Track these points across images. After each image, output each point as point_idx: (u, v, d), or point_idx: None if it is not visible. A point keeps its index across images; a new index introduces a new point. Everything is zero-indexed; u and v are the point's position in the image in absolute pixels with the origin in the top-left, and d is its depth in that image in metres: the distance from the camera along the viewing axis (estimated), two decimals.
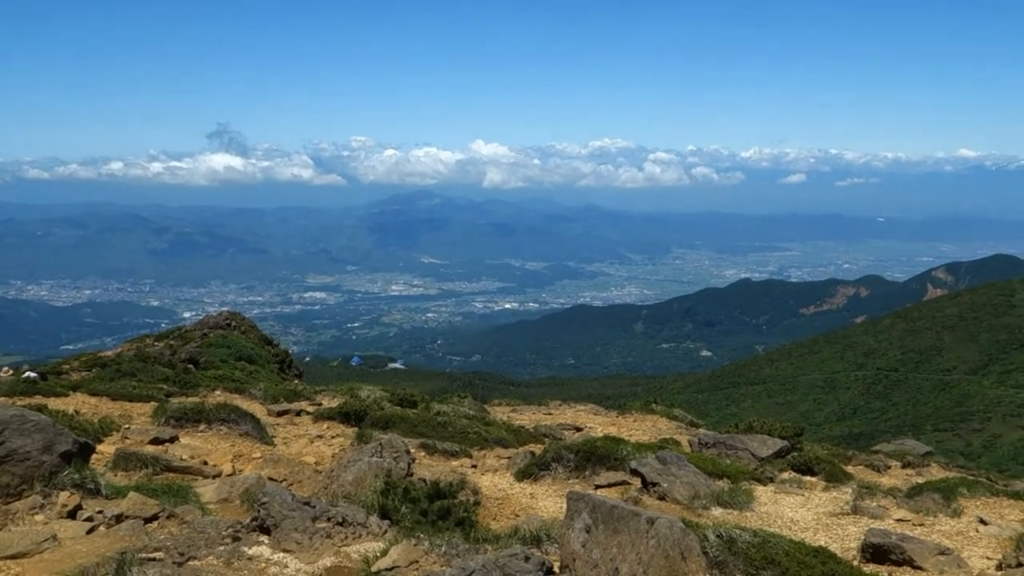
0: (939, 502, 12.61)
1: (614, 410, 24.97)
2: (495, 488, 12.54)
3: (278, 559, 7.76)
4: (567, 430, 20.18)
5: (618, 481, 12.47)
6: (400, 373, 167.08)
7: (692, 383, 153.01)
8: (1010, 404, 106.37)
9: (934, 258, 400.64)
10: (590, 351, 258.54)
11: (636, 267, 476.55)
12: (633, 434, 19.72)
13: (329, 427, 16.94)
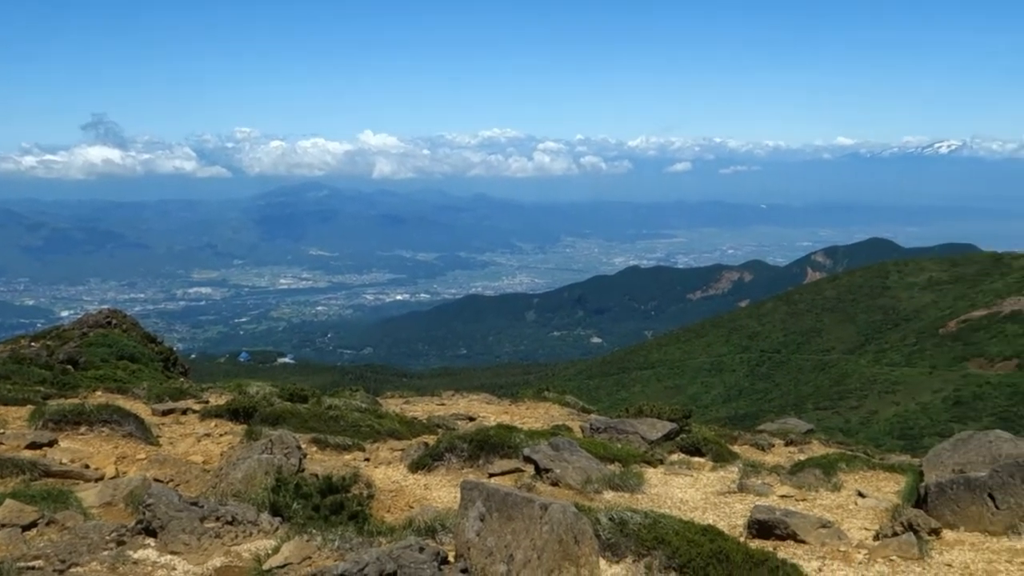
0: (820, 477, 13.04)
1: (507, 399, 25.11)
2: (389, 480, 12.51)
3: (165, 561, 7.62)
4: (460, 420, 20.22)
5: (512, 469, 12.55)
6: (290, 368, 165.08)
7: (583, 370, 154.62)
8: (885, 382, 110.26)
9: (813, 243, 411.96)
10: (482, 341, 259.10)
11: (527, 256, 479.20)
12: (526, 422, 19.87)
13: (217, 425, 16.64)
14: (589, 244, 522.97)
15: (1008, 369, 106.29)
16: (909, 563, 8.62)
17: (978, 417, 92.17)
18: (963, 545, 9.43)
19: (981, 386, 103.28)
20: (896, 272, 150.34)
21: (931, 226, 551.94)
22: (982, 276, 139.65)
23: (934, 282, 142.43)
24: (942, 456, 11.38)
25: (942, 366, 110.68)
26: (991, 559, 8.92)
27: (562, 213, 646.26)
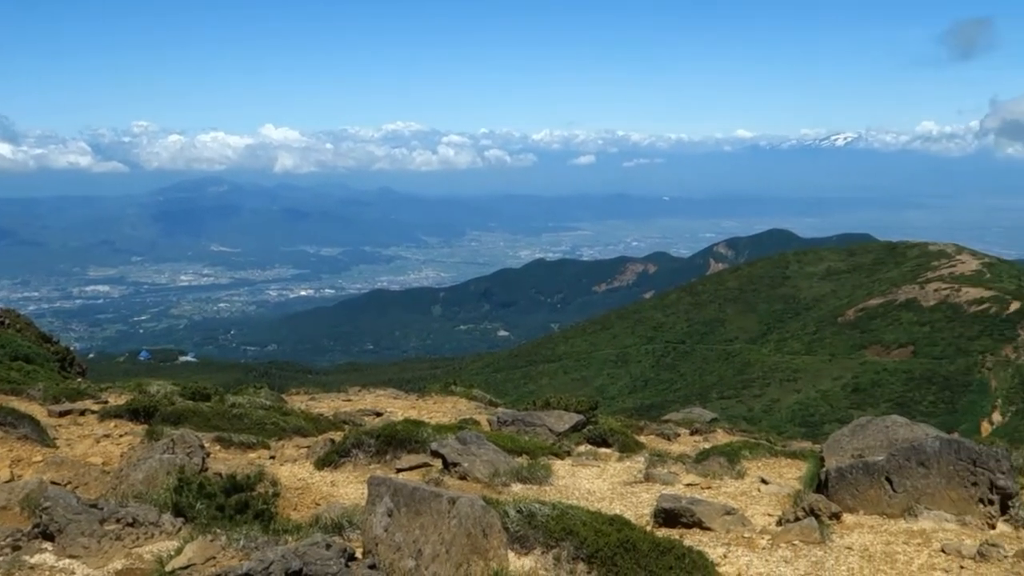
0: (724, 465, 13.24)
1: (414, 393, 24.98)
2: (295, 478, 12.33)
3: (64, 566, 7.39)
4: (367, 416, 20.05)
5: (420, 464, 12.49)
6: (192, 366, 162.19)
7: (491, 363, 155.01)
8: (786, 370, 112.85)
9: (716, 234, 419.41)
10: (389, 335, 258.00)
11: (433, 250, 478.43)
12: (434, 416, 19.79)
13: (117, 425, 16.21)
14: (495, 237, 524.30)
15: (904, 356, 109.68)
16: (811, 547, 8.80)
17: (876, 403, 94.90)
18: (863, 528, 9.67)
19: (878, 373, 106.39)
20: (796, 262, 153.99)
21: (829, 217, 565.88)
22: (878, 265, 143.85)
23: (832, 272, 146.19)
24: (841, 442, 11.64)
25: (841, 354, 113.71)
26: (889, 541, 9.15)
27: (467, 207, 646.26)
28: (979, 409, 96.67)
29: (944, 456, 10.18)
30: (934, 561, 8.51)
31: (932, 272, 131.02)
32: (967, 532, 9.61)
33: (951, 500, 10.07)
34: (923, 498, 10.11)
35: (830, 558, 8.52)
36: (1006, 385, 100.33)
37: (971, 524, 9.85)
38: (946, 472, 10.13)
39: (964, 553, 8.64)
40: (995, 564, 8.39)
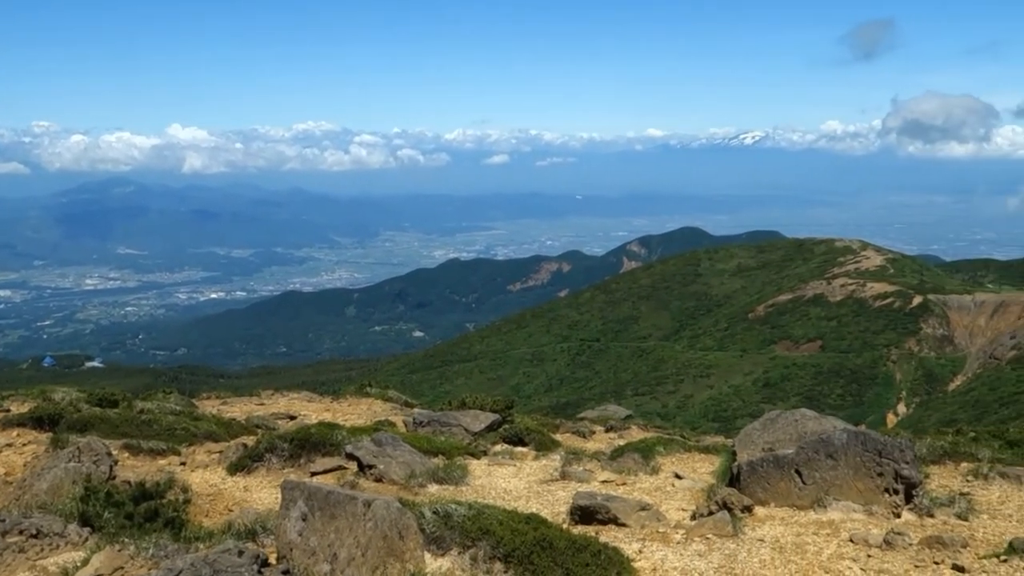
0: (639, 461, 13.37)
1: (329, 396, 24.76)
2: (207, 484, 12.12)
3: None
4: (281, 419, 19.82)
5: (335, 467, 12.37)
6: (99, 372, 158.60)
7: (406, 364, 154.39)
8: (699, 366, 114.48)
9: (628, 232, 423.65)
10: (302, 338, 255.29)
11: (346, 251, 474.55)
12: (349, 418, 19.64)
13: (20, 434, 15.75)
14: (409, 238, 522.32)
15: (812, 350, 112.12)
16: (724, 540, 8.92)
17: (786, 397, 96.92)
18: (774, 520, 9.84)
19: (788, 367, 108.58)
20: (707, 259, 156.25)
21: (738, 214, 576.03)
22: (786, 262, 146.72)
23: (742, 268, 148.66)
24: (752, 436, 11.83)
25: (752, 349, 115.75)
26: (799, 532, 9.34)
27: (381, 207, 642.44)
28: (885, 401, 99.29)
29: (851, 448, 10.42)
30: (843, 551, 8.70)
31: (838, 268, 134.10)
32: (874, 522, 9.84)
33: (858, 491, 10.30)
34: (832, 489, 10.33)
35: (743, 550, 8.65)
36: (910, 377, 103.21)
37: (878, 514, 10.09)
38: (853, 464, 10.36)
39: (871, 542, 8.84)
40: (900, 552, 8.61)
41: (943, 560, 8.37)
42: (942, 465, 13.61)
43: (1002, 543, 9.11)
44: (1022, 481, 12.28)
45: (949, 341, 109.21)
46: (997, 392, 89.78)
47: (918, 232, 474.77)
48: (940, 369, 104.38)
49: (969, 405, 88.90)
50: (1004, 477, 12.41)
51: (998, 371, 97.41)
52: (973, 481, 12.46)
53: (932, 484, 11.89)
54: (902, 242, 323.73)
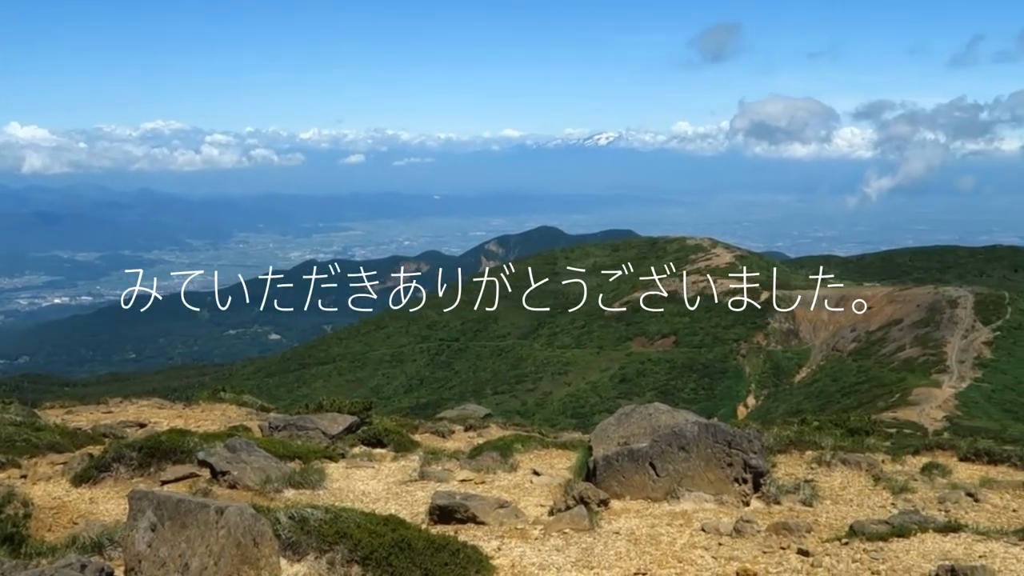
0: (498, 460, 13.44)
1: (181, 402, 24.08)
2: (50, 497, 11.62)
3: None
4: (130, 428, 19.16)
5: (186, 475, 12.03)
6: None
7: (262, 367, 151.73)
8: (558, 364, 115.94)
9: (486, 232, 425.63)
10: (153, 343, 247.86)
11: (198, 253, 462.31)
12: (202, 425, 19.15)
13: None
14: (264, 239, 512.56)
15: (666, 346, 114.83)
16: (581, 534, 9.05)
17: (642, 392, 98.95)
18: (629, 513, 10.03)
19: (643, 363, 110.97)
20: (564, 258, 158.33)
21: (594, 214, 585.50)
22: (640, 260, 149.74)
23: (598, 267, 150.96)
24: (608, 431, 12.02)
25: (608, 346, 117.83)
26: (654, 523, 9.54)
27: (234, 208, 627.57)
28: (735, 394, 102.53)
29: (702, 440, 10.71)
30: (695, 540, 8.93)
31: (691, 265, 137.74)
32: (724, 511, 10.14)
33: (710, 481, 10.59)
34: (684, 481, 10.60)
35: (599, 543, 8.78)
36: (759, 370, 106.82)
37: (728, 503, 10.40)
38: (704, 455, 10.65)
39: (722, 531, 9.10)
40: (749, 539, 8.89)
41: (789, 545, 8.68)
42: (788, 454, 14.12)
43: (844, 527, 9.51)
44: (862, 467, 12.84)
45: (795, 335, 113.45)
46: (839, 382, 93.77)
47: (765, 230, 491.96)
48: (787, 362, 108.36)
49: (814, 395, 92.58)
50: (845, 463, 12.96)
51: (840, 362, 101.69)
52: (817, 468, 12.97)
53: (779, 472, 12.32)
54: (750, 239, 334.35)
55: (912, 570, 7.92)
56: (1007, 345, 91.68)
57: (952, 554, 8.35)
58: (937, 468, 13.14)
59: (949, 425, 61.09)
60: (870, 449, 14.68)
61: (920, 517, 9.63)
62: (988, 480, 12.34)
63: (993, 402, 75.65)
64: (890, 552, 8.39)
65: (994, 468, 13.61)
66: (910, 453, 14.78)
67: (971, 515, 10.57)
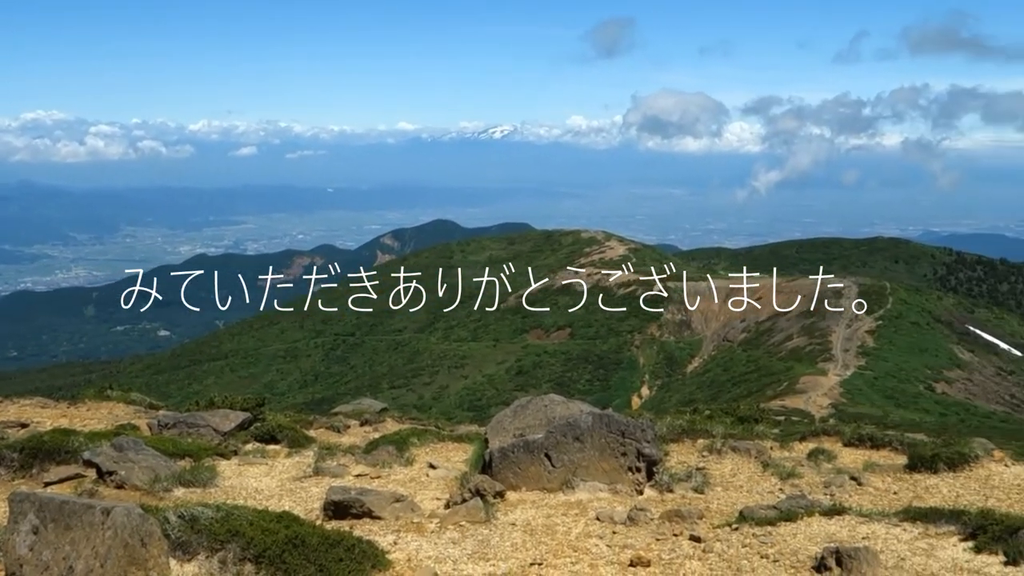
0: (393, 454, 13.38)
1: (65, 401, 23.36)
2: None
3: None
4: (11, 428, 18.50)
5: (71, 475, 11.69)
6: None
7: (152, 364, 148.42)
8: (454, 357, 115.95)
9: (381, 226, 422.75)
10: (35, 341, 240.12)
11: (83, 247, 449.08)
12: (88, 424, 18.61)
13: None
14: (152, 233, 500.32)
15: (562, 338, 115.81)
16: (477, 526, 9.07)
17: (538, 384, 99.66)
18: (525, 504, 10.09)
19: (540, 355, 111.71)
20: (460, 252, 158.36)
21: (490, 207, 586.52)
22: (536, 252, 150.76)
23: (494, 260, 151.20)
24: (504, 422, 12.06)
25: (505, 339, 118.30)
26: (549, 513, 9.62)
27: (121, 201, 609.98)
28: (630, 384, 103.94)
29: (597, 430, 10.82)
30: (590, 529, 9.02)
31: (585, 258, 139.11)
32: (619, 499, 10.27)
33: (604, 471, 10.72)
34: (579, 471, 10.70)
35: (495, 535, 8.81)
36: (652, 361, 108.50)
37: (622, 492, 10.54)
38: (599, 445, 10.77)
39: (616, 519, 9.22)
40: (643, 527, 9.03)
41: (682, 532, 8.84)
42: (681, 443, 14.38)
43: (734, 512, 9.73)
44: (751, 454, 13.15)
45: (687, 326, 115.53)
46: (730, 372, 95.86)
47: (657, 223, 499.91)
48: (679, 352, 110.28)
49: (705, 385, 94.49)
50: (735, 451, 13.26)
51: (731, 352, 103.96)
52: (708, 456, 13.24)
53: (672, 461, 12.54)
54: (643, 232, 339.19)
55: (799, 553, 8.14)
56: (888, 333, 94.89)
57: (837, 536, 8.62)
58: (823, 454, 13.53)
59: (834, 412, 63.00)
60: (759, 436, 15.05)
61: (806, 501, 9.90)
62: (871, 464, 12.76)
63: (876, 389, 78.24)
64: (778, 536, 8.61)
65: (876, 452, 14.07)
66: (797, 440, 15.19)
67: (855, 498, 10.92)
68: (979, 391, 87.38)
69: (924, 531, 8.68)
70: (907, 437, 15.21)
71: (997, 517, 8.40)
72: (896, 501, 10.78)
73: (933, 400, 79.34)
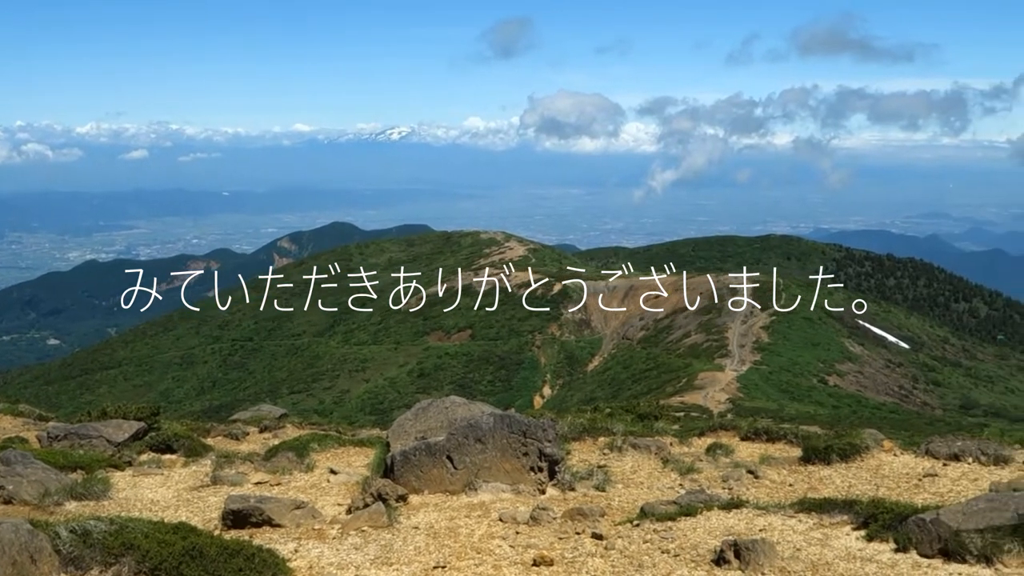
0: (293, 460, 13.20)
1: None
2: None
3: None
4: None
5: None
6: None
7: (40, 375, 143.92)
8: (355, 360, 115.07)
9: (278, 229, 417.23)
10: None
11: None
12: None
13: None
14: (38, 239, 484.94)
15: (463, 339, 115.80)
16: (380, 531, 9.00)
17: (440, 386, 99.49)
18: (428, 507, 10.06)
19: (441, 357, 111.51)
20: (359, 254, 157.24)
21: (388, 209, 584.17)
22: (436, 254, 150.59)
23: (394, 262, 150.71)
24: (405, 425, 12.02)
25: (406, 341, 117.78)
26: (452, 516, 9.60)
27: (5, 206, 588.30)
28: (532, 384, 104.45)
29: (498, 431, 10.85)
30: (493, 530, 9.03)
31: (485, 259, 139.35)
32: (521, 500, 10.31)
33: (506, 471, 10.75)
34: (482, 472, 10.71)
35: (398, 539, 8.76)
36: (554, 360, 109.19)
37: (525, 492, 10.59)
38: (501, 445, 10.80)
39: (519, 519, 9.25)
40: (546, 526, 9.08)
41: (584, 530, 8.91)
42: (582, 441, 14.50)
43: (635, 509, 9.85)
44: (652, 450, 13.33)
45: (587, 324, 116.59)
46: (630, 370, 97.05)
47: (556, 223, 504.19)
48: (580, 351, 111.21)
49: (606, 383, 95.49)
50: (636, 448, 13.42)
51: (630, 350, 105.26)
52: (609, 454, 13.37)
53: (573, 460, 12.63)
54: (542, 233, 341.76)
55: (699, 547, 8.27)
56: (782, 329, 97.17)
57: (735, 529, 8.78)
58: (721, 448, 13.78)
59: (732, 407, 64.25)
60: (659, 433, 15.27)
61: (705, 496, 10.08)
62: (767, 457, 13.04)
63: (771, 383, 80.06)
64: (678, 531, 8.74)
65: (772, 446, 14.39)
66: (696, 435, 15.45)
67: (752, 491, 11.15)
68: (869, 383, 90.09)
69: (819, 521, 8.90)
70: (802, 430, 15.59)
71: (887, 506, 8.65)
72: (792, 493, 11.03)
73: (826, 393, 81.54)
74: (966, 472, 11.53)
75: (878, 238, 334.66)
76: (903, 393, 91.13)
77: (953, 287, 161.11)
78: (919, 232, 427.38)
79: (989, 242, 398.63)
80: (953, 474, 11.48)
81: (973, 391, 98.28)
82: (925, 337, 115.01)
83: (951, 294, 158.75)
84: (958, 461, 12.03)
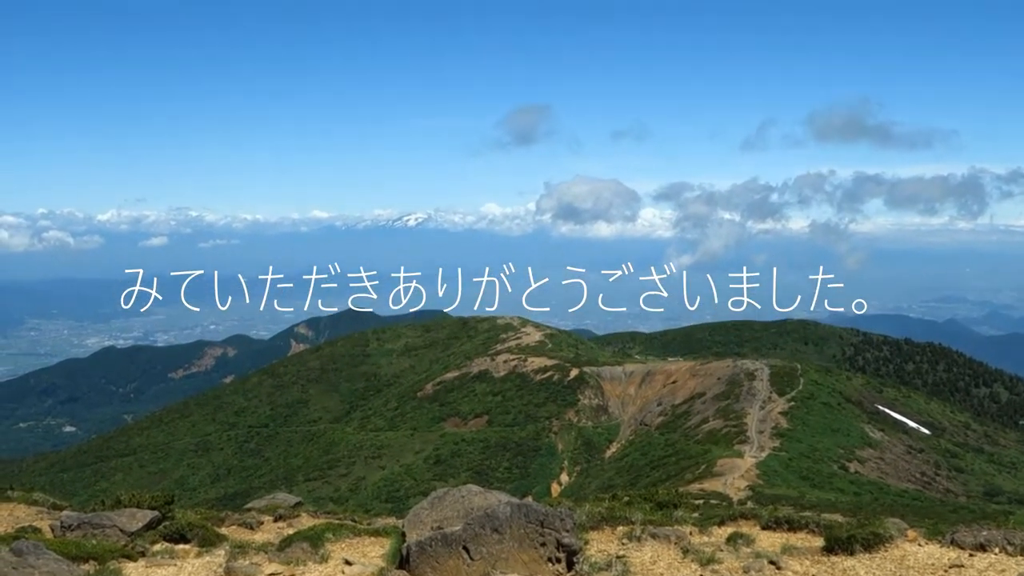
0: (308, 550, 13.03)
1: None
2: None
3: None
4: None
5: None
6: None
7: (56, 462, 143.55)
8: (371, 447, 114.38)
9: (295, 315, 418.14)
10: None
11: None
12: None
13: None
14: (57, 326, 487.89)
15: (480, 425, 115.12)
16: None
17: (456, 473, 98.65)
18: None
19: (457, 443, 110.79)
20: (375, 340, 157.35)
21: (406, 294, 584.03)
22: (452, 340, 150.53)
23: (410, 347, 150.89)
24: (421, 515, 11.87)
25: (422, 427, 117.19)
26: None
27: (25, 293, 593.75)
28: (549, 471, 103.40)
29: (515, 521, 10.69)
30: None
31: (501, 344, 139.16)
32: None
33: (523, 562, 10.56)
34: (498, 563, 10.52)
35: None
36: (571, 447, 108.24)
37: None
38: (517, 535, 10.63)
39: None
40: None
41: None
42: (600, 530, 14.28)
43: None
44: (671, 540, 13.11)
45: (604, 410, 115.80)
46: (648, 456, 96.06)
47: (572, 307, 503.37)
48: (597, 437, 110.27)
49: (624, 470, 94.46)
50: (655, 538, 13.20)
51: (648, 436, 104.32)
52: (628, 544, 13.15)
53: (592, 549, 12.42)
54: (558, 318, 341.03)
55: None
56: (801, 414, 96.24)
57: None
58: (741, 538, 13.54)
59: (752, 494, 63.35)
60: (678, 522, 15.03)
61: None
62: (789, 547, 12.79)
63: (791, 470, 79.00)
64: None
65: (794, 535, 14.13)
66: (716, 524, 15.20)
67: None
68: (891, 469, 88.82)
69: None
70: (823, 518, 15.33)
71: None
72: None
73: (847, 480, 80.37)
74: (993, 563, 11.29)
75: (895, 322, 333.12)
76: (925, 480, 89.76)
77: (973, 372, 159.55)
78: (937, 316, 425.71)
79: (1008, 326, 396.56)
80: (980, 565, 11.24)
81: (996, 477, 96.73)
82: (946, 422, 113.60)
83: (971, 379, 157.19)
84: (984, 551, 11.78)
